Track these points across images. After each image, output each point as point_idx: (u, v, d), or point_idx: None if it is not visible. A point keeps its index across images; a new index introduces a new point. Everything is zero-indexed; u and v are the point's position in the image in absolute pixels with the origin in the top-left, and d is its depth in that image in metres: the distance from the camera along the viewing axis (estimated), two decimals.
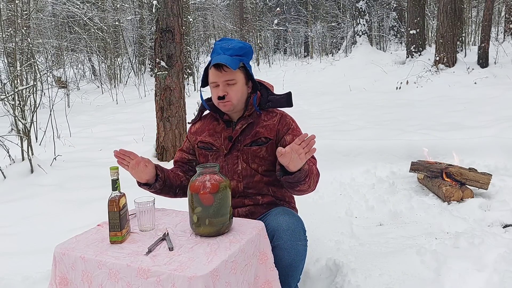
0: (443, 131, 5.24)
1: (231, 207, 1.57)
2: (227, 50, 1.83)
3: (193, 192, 1.52)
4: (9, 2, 9.46)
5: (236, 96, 1.84)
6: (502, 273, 1.98)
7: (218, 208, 1.50)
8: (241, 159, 1.87)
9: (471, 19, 15.98)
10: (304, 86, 11.83)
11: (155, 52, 4.73)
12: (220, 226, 1.52)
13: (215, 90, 1.85)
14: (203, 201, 1.50)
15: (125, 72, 15.34)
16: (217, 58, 1.80)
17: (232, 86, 1.82)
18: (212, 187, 1.50)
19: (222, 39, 1.93)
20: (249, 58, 1.90)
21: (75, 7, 14.25)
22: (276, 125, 1.89)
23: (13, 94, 4.66)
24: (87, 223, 2.29)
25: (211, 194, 1.49)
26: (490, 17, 9.66)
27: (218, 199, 1.50)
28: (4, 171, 4.30)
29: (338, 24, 20.67)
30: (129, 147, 5.59)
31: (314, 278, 2.20)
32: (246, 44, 1.89)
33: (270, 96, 1.95)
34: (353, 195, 3.38)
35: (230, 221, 1.56)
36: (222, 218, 1.52)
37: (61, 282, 1.49)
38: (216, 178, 1.53)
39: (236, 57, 1.82)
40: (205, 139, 1.94)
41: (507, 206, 2.92)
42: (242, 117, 1.90)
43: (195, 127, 2.03)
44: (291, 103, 1.94)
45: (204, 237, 1.52)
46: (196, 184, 1.52)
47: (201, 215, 1.51)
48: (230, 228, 1.57)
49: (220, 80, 1.81)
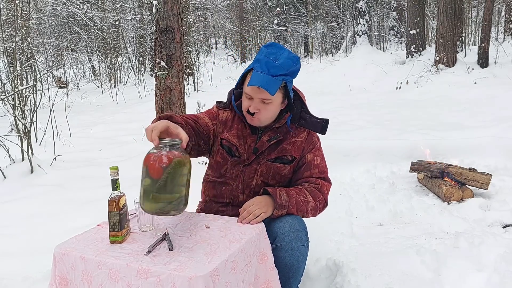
0: (443, 131, 5.24)
1: (185, 188, 1.43)
2: (272, 67, 1.65)
3: (145, 163, 1.40)
4: (9, 2, 9.46)
5: (267, 115, 1.74)
6: (502, 273, 1.98)
7: (165, 183, 1.37)
8: (258, 174, 1.79)
9: (471, 19, 15.98)
10: (304, 86, 11.77)
11: (155, 52, 4.73)
12: (165, 204, 1.39)
13: (247, 102, 1.72)
14: (151, 172, 1.37)
15: (125, 72, 15.34)
16: (258, 77, 1.64)
17: (267, 105, 1.70)
18: (163, 160, 1.37)
19: (271, 46, 1.71)
20: (295, 76, 1.73)
21: (75, 7, 14.25)
22: (303, 142, 1.83)
23: (13, 94, 4.66)
24: (87, 223, 2.29)
25: (160, 167, 1.36)
26: (490, 17, 9.66)
27: (167, 173, 1.36)
28: (4, 171, 4.30)
29: (338, 24, 20.67)
30: (129, 147, 5.61)
31: (314, 278, 2.20)
32: (296, 59, 1.70)
33: (304, 114, 1.83)
34: (353, 195, 3.38)
35: (178, 202, 1.41)
36: (169, 196, 1.38)
37: (61, 282, 1.49)
38: (174, 153, 1.40)
39: (280, 77, 1.66)
40: (233, 140, 1.81)
41: (507, 206, 2.92)
42: (270, 128, 1.80)
43: (225, 115, 1.87)
44: (325, 131, 1.81)
45: (150, 214, 1.43)
46: (151, 155, 1.40)
47: (147, 188, 1.39)
48: (179, 212, 1.43)
49: (255, 96, 1.69)
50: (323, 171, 1.86)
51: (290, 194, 1.71)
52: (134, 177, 3.86)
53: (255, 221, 1.62)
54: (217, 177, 1.86)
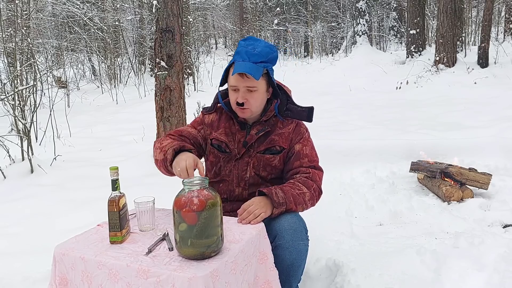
0: (443, 131, 5.25)
1: (220, 227, 1.40)
2: (252, 55, 1.74)
3: (176, 208, 1.37)
4: (9, 2, 9.46)
5: (256, 103, 1.79)
6: (502, 273, 1.98)
7: (203, 228, 1.34)
8: (251, 166, 1.84)
9: (471, 19, 15.98)
10: (304, 86, 11.82)
11: (155, 52, 4.72)
12: (204, 248, 1.35)
13: (234, 94, 1.79)
14: (186, 219, 1.35)
15: (125, 72, 15.33)
16: (241, 65, 1.72)
17: (253, 93, 1.77)
18: (197, 204, 1.34)
19: (248, 39, 1.82)
20: (274, 63, 1.82)
21: (75, 7, 14.24)
22: (291, 133, 1.87)
23: (13, 94, 4.66)
24: (87, 223, 2.29)
25: (195, 213, 1.34)
26: (490, 17, 9.66)
27: (203, 218, 1.34)
28: (4, 171, 4.30)
29: (338, 24, 20.68)
30: (129, 147, 5.61)
31: (314, 278, 2.20)
32: (273, 47, 1.80)
33: (290, 105, 1.89)
34: (353, 195, 3.38)
35: (218, 243, 1.38)
36: (207, 240, 1.35)
37: (61, 282, 1.49)
38: (204, 194, 1.37)
39: (261, 64, 1.75)
40: (221, 138, 1.87)
41: (507, 206, 2.92)
42: (258, 122, 1.87)
43: (210, 118, 1.94)
44: (311, 118, 1.87)
45: (187, 259, 1.37)
46: (181, 199, 1.36)
47: (183, 235, 1.35)
48: (218, 251, 1.39)
49: (241, 86, 1.76)
50: (313, 160, 1.88)
51: (285, 190, 1.73)
52: (134, 177, 3.87)
53: (255, 221, 1.62)
54: (214, 177, 1.91)
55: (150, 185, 3.55)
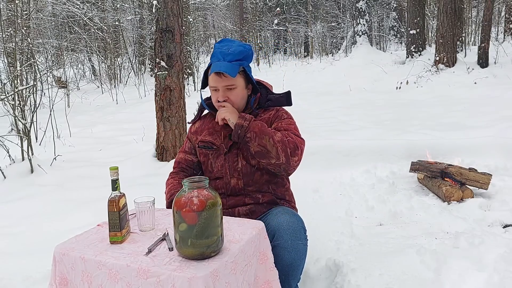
0: (443, 131, 5.24)
1: (220, 227, 1.40)
2: (227, 55, 1.82)
3: (176, 208, 1.37)
4: (9, 2, 9.45)
5: (237, 100, 1.87)
6: (502, 273, 1.98)
7: (203, 228, 1.34)
8: (240, 156, 1.88)
9: (471, 19, 15.98)
10: (304, 86, 11.83)
11: (155, 52, 4.73)
12: (204, 248, 1.35)
13: (215, 94, 1.87)
14: (186, 219, 1.35)
15: (125, 72, 15.34)
16: (217, 65, 1.81)
17: (232, 91, 1.85)
18: (196, 204, 1.35)
19: (222, 41, 1.92)
20: (249, 61, 1.90)
21: (75, 7, 14.24)
22: (271, 118, 1.94)
23: (13, 94, 4.66)
24: (87, 223, 2.29)
25: (195, 213, 1.34)
26: (490, 17, 9.66)
27: (203, 218, 1.34)
28: (4, 171, 4.30)
29: (338, 24, 20.68)
30: (129, 147, 5.61)
31: (314, 278, 2.20)
32: (246, 46, 1.88)
33: (270, 95, 1.97)
34: (353, 195, 3.37)
35: (218, 243, 1.38)
36: (207, 240, 1.35)
37: (61, 282, 1.49)
38: (204, 194, 1.37)
39: (236, 63, 1.82)
40: (205, 138, 1.96)
41: (507, 206, 2.91)
42: None
43: (195, 127, 2.06)
44: (290, 101, 1.95)
45: (187, 259, 1.37)
46: (181, 199, 1.37)
47: (183, 235, 1.35)
48: (218, 251, 1.40)
49: (219, 85, 1.84)
50: (290, 129, 1.88)
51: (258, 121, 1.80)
52: (134, 177, 3.87)
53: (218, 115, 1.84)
54: (209, 175, 1.96)
55: (150, 185, 3.55)
